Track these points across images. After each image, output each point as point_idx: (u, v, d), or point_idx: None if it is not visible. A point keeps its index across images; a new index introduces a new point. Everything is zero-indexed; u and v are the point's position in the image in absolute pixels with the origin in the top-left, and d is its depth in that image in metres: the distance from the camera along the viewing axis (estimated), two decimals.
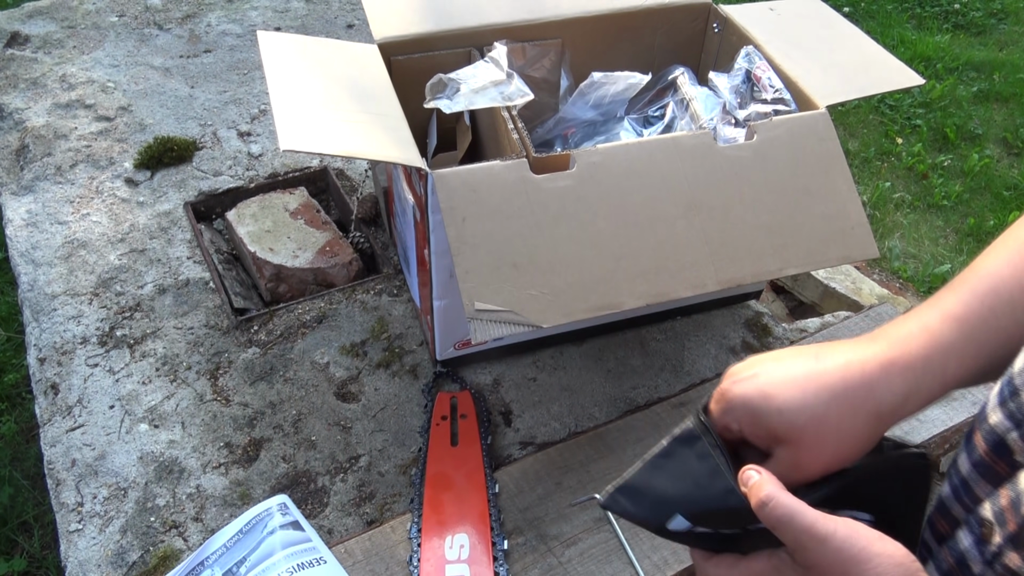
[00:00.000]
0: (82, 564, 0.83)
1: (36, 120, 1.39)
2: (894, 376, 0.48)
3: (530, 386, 1.00)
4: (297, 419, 0.96)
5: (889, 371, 0.48)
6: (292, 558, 0.77)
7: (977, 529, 0.47)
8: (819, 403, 0.48)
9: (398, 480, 0.90)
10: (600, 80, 0.98)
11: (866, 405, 0.48)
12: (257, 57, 1.55)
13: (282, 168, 1.32)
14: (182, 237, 1.20)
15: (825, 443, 0.48)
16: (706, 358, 1.04)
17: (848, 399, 0.48)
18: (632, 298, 0.77)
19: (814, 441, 0.48)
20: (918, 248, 2.22)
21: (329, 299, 1.11)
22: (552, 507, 0.85)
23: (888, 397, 0.48)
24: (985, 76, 2.94)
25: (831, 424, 0.48)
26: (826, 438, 0.48)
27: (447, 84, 0.87)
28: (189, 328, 1.07)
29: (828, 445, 0.48)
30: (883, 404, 0.48)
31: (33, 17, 1.65)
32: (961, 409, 0.95)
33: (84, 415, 0.97)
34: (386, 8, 0.99)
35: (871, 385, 0.48)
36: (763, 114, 0.89)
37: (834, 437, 0.48)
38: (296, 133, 0.74)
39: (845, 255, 0.82)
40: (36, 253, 1.16)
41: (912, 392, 0.48)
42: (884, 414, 0.48)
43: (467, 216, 0.75)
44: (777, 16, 1.02)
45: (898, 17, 3.28)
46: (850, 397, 0.48)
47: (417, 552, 0.79)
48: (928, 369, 0.49)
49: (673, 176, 0.81)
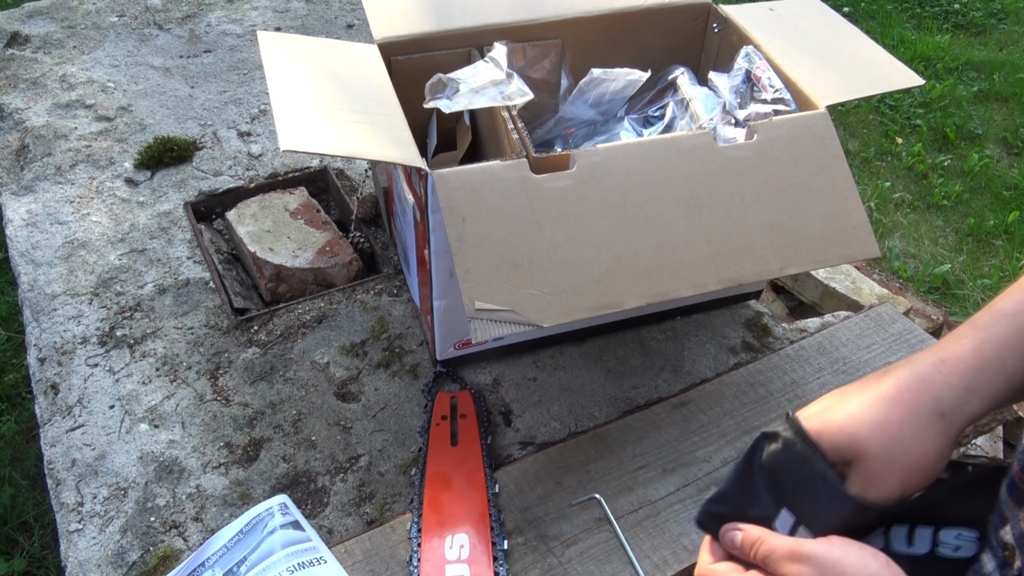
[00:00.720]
0: (82, 564, 0.83)
1: (36, 120, 1.39)
2: (948, 373, 0.48)
3: (530, 386, 1.00)
4: (297, 419, 0.96)
5: (942, 369, 0.48)
6: (292, 558, 0.78)
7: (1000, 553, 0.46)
8: (878, 412, 0.48)
9: (398, 480, 0.90)
10: (600, 77, 0.98)
11: (926, 405, 0.47)
12: (257, 57, 1.55)
13: (282, 168, 1.32)
14: (182, 237, 1.20)
15: (893, 451, 0.47)
16: (706, 358, 1.04)
17: (906, 402, 0.48)
18: (633, 297, 0.77)
19: (881, 451, 0.47)
20: (918, 248, 2.22)
21: (329, 299, 1.11)
22: (552, 507, 0.85)
23: (947, 393, 0.47)
24: (985, 76, 2.94)
25: (893, 429, 0.47)
26: (892, 445, 0.47)
27: (447, 84, 0.87)
28: (189, 328, 1.07)
29: (896, 453, 0.47)
30: (943, 401, 0.47)
31: (33, 17, 1.65)
32: None
33: (84, 415, 0.97)
34: (386, 8, 0.99)
35: (926, 384, 0.48)
36: (763, 114, 0.89)
37: (900, 443, 0.47)
38: (296, 133, 0.74)
39: (846, 254, 0.82)
40: (36, 253, 1.16)
41: (972, 387, 0.47)
42: (947, 412, 0.47)
43: (467, 216, 0.75)
44: (777, 16, 1.02)
45: (898, 17, 3.28)
46: (907, 400, 0.48)
47: (417, 552, 0.79)
48: (984, 364, 0.48)
49: (673, 176, 0.81)
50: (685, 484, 0.87)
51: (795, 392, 0.97)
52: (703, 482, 0.88)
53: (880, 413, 0.48)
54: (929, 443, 0.47)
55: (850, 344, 1.03)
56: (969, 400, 0.47)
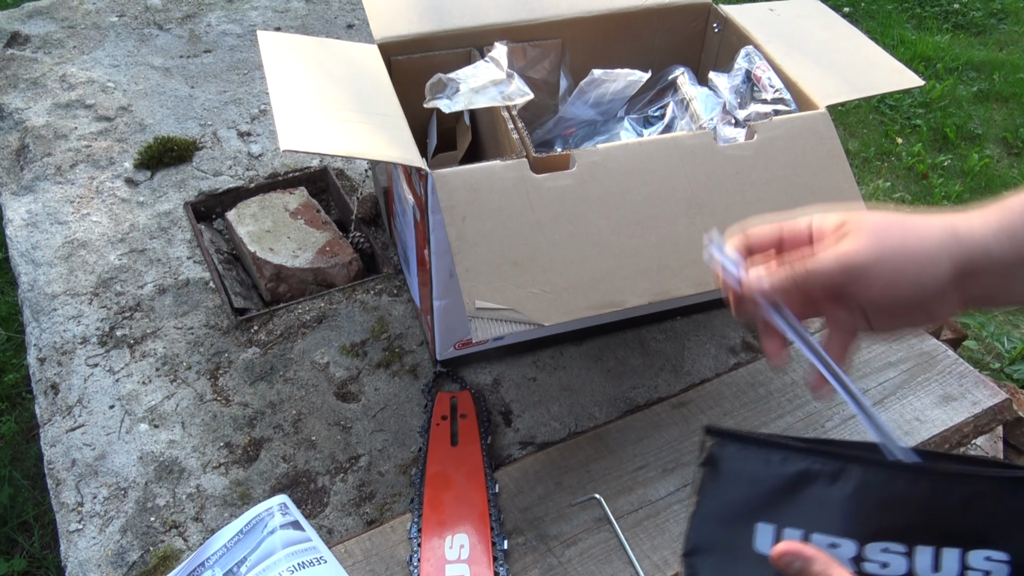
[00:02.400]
0: (82, 564, 0.83)
1: (36, 120, 1.39)
2: (968, 213, 0.48)
3: (530, 386, 1.00)
4: (297, 419, 0.96)
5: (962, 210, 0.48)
6: (292, 557, 0.78)
7: None
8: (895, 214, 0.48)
9: (398, 480, 0.90)
10: (600, 77, 0.98)
11: (941, 222, 0.47)
12: (257, 57, 1.55)
13: (282, 168, 1.32)
14: (182, 237, 1.20)
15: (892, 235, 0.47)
16: (706, 358, 1.04)
17: (921, 221, 0.47)
18: (634, 296, 0.77)
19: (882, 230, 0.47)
20: None
21: (329, 299, 1.11)
22: (552, 507, 0.85)
23: (963, 221, 0.47)
24: (985, 76, 2.95)
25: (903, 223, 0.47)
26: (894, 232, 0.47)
27: (447, 84, 0.87)
28: (189, 328, 1.07)
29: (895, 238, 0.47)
30: (959, 223, 0.47)
31: (33, 17, 1.65)
32: (961, 409, 0.95)
33: (84, 415, 0.97)
34: (386, 8, 0.99)
35: (944, 216, 0.48)
36: (763, 114, 0.89)
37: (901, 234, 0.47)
38: (296, 133, 0.74)
39: None
40: (36, 253, 1.16)
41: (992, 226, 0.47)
42: (962, 235, 0.47)
43: (467, 215, 0.75)
44: (777, 16, 1.02)
45: (898, 17, 3.28)
46: (923, 220, 0.47)
47: (417, 552, 0.79)
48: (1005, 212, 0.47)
49: (674, 175, 0.81)
50: (685, 484, 0.87)
51: (795, 392, 0.97)
52: None
53: (897, 215, 0.47)
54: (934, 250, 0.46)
55: None
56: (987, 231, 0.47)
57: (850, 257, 0.48)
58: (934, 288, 0.48)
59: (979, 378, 0.99)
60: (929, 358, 1.01)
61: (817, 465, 0.50)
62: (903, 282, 0.47)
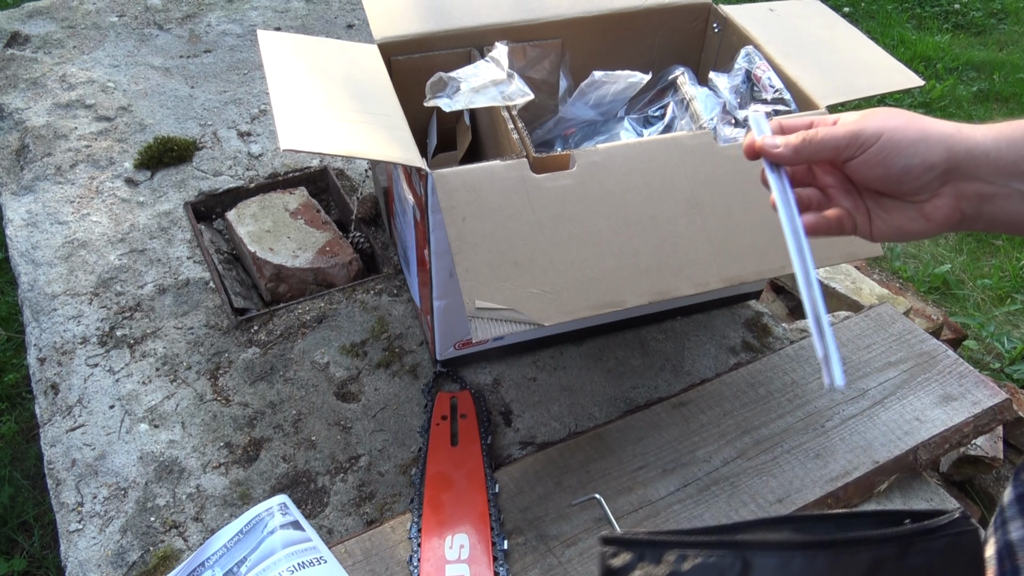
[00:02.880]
0: (82, 564, 0.83)
1: (36, 120, 1.39)
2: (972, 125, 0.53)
3: (530, 386, 1.00)
4: (297, 419, 0.96)
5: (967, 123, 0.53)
6: (292, 558, 0.77)
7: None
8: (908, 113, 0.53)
9: (398, 480, 0.90)
10: (601, 79, 0.98)
11: (951, 122, 0.52)
12: (257, 57, 1.55)
13: (282, 168, 1.32)
14: (182, 237, 1.20)
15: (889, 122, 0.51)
16: (706, 358, 1.04)
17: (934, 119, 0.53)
18: (634, 296, 0.77)
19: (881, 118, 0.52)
20: (918, 248, 2.22)
21: (329, 299, 1.11)
22: (552, 507, 0.85)
23: (969, 125, 0.52)
24: (985, 76, 2.94)
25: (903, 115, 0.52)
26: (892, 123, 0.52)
27: (447, 83, 0.87)
28: (189, 328, 1.07)
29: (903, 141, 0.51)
30: (965, 125, 0.52)
31: (33, 17, 1.65)
32: (961, 409, 0.95)
33: (84, 415, 0.97)
34: (386, 8, 0.99)
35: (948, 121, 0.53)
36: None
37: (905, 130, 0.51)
38: (296, 133, 0.74)
39: (849, 252, 0.82)
40: (36, 253, 1.16)
41: (994, 131, 0.52)
42: (963, 130, 0.51)
43: (467, 215, 0.75)
44: (777, 16, 1.02)
45: (898, 17, 3.28)
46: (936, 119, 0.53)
47: (417, 552, 0.79)
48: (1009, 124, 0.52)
49: (674, 175, 0.81)
50: (685, 484, 0.87)
51: (795, 392, 0.97)
52: (703, 482, 0.88)
53: (898, 111, 0.53)
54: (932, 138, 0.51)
55: (850, 344, 1.03)
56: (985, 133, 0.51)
57: (858, 127, 0.53)
58: (922, 169, 0.52)
59: (979, 378, 0.99)
60: (929, 358, 1.01)
61: (712, 559, 0.48)
62: (896, 159, 0.52)
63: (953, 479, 1.25)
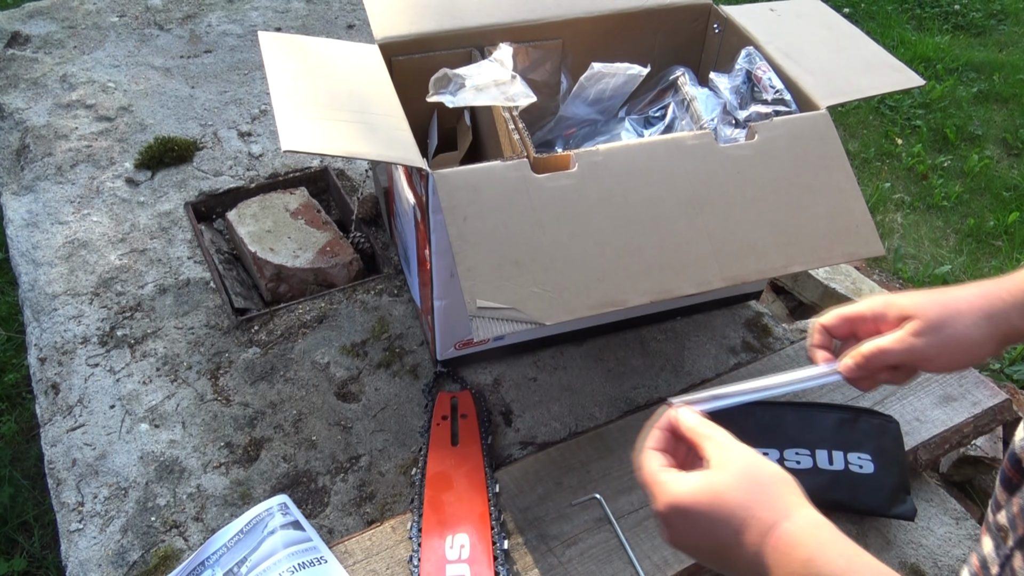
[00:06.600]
0: (82, 564, 0.83)
1: (37, 120, 1.39)
2: (1003, 289, 0.61)
3: (530, 386, 1.00)
4: (297, 419, 0.96)
5: (999, 284, 0.61)
6: (293, 557, 0.78)
7: (997, 534, 0.50)
8: (943, 296, 0.61)
9: (398, 480, 0.90)
10: (600, 72, 0.98)
11: (981, 307, 0.60)
12: (257, 57, 1.55)
13: (282, 168, 1.32)
14: (183, 237, 1.20)
15: (944, 320, 0.60)
16: (706, 358, 1.04)
17: (965, 298, 0.61)
18: (636, 295, 0.77)
19: (936, 317, 0.60)
20: (918, 249, 2.22)
21: (329, 299, 1.11)
22: (552, 507, 0.85)
23: (998, 303, 0.60)
24: (985, 77, 2.95)
25: (951, 307, 0.60)
26: (945, 317, 0.60)
27: (451, 79, 0.86)
28: (190, 328, 1.07)
29: (946, 323, 0.60)
30: (995, 307, 0.60)
31: (34, 17, 1.65)
32: (961, 409, 0.95)
33: (85, 415, 0.97)
34: (387, 8, 0.99)
35: (985, 293, 0.61)
36: (764, 114, 0.89)
37: (951, 318, 0.60)
38: (297, 133, 0.74)
39: (850, 252, 0.82)
40: (37, 253, 1.16)
41: (1019, 303, 0.60)
42: (994, 316, 0.60)
43: (468, 215, 0.75)
44: (777, 17, 1.02)
45: (898, 18, 3.28)
46: (966, 297, 0.61)
47: (417, 552, 0.79)
48: None
49: (675, 175, 0.81)
50: None
51: (795, 392, 0.97)
52: None
53: (943, 298, 0.61)
54: (972, 327, 0.60)
55: None
56: (1013, 311, 0.60)
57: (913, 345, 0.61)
58: (982, 360, 0.63)
59: (979, 378, 0.99)
60: None
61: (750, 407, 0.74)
62: (959, 363, 0.62)
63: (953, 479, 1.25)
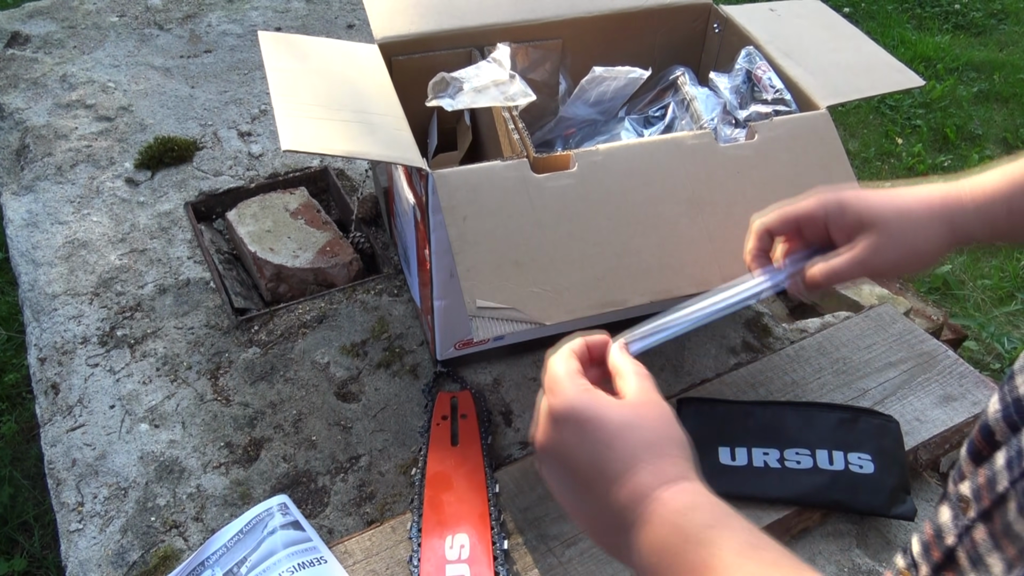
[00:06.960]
0: (82, 564, 0.83)
1: (36, 120, 1.39)
2: (967, 197, 0.59)
3: (531, 386, 1.00)
4: (297, 419, 0.96)
5: (960, 188, 0.59)
6: (293, 558, 0.78)
7: (957, 504, 0.49)
8: (902, 202, 0.59)
9: (398, 480, 0.90)
10: (602, 75, 0.98)
11: (943, 214, 0.58)
12: (257, 57, 1.55)
13: (282, 168, 1.32)
14: (182, 237, 1.20)
15: (904, 233, 0.58)
16: (706, 358, 1.04)
17: (926, 204, 0.59)
18: (636, 295, 0.77)
19: (896, 228, 0.58)
20: None
21: (329, 299, 1.11)
22: (552, 507, 0.85)
23: (959, 212, 0.58)
24: (985, 76, 2.95)
25: (912, 217, 0.58)
26: (906, 229, 0.58)
27: (449, 83, 0.87)
28: (189, 328, 1.07)
29: (907, 235, 0.58)
30: (956, 216, 0.58)
31: (33, 17, 1.65)
32: (961, 409, 0.95)
33: (84, 415, 0.97)
34: (387, 8, 0.99)
35: (948, 201, 0.59)
36: (764, 114, 0.89)
37: (912, 230, 0.58)
38: (297, 133, 0.74)
39: None
40: (36, 253, 1.16)
41: (980, 212, 0.58)
42: (956, 225, 0.58)
43: (468, 215, 0.75)
44: (778, 17, 1.02)
45: (898, 18, 3.28)
46: (927, 202, 0.59)
47: (417, 552, 0.79)
48: (996, 196, 0.58)
49: (675, 175, 0.81)
50: None
51: (795, 392, 0.97)
52: None
53: (904, 204, 0.59)
54: (933, 238, 0.59)
55: (850, 344, 1.03)
56: (974, 221, 0.58)
57: (869, 261, 0.60)
58: (930, 266, 0.62)
59: (979, 378, 0.99)
60: (929, 358, 1.01)
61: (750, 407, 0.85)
62: (908, 270, 0.61)
63: None
